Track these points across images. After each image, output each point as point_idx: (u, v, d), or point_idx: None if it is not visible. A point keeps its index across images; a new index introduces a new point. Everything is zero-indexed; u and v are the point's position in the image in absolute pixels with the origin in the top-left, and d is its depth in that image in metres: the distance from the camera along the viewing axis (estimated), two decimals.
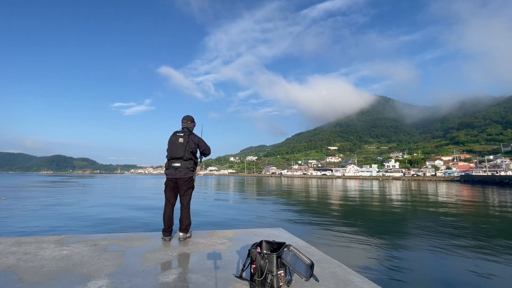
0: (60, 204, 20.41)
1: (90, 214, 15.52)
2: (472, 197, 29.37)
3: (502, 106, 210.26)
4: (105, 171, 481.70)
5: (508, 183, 58.08)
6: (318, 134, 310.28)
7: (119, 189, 41.60)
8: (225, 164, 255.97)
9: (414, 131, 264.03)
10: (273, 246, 2.58)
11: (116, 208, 18.36)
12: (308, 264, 2.42)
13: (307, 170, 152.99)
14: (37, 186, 46.11)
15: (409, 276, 6.59)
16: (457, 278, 6.46)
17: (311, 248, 3.58)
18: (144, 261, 2.93)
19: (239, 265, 2.83)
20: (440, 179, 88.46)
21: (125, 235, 4.01)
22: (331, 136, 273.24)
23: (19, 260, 2.89)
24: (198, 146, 3.99)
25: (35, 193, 31.35)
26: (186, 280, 2.46)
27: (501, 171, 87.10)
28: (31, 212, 15.91)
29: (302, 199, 26.52)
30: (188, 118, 4.08)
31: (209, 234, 4.19)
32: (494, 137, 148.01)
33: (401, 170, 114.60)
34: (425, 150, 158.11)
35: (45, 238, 3.80)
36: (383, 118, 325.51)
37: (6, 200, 22.56)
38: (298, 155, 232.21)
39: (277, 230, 4.53)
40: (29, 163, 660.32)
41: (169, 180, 3.87)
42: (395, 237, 10.63)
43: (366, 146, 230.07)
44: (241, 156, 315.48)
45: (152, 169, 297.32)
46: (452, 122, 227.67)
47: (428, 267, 7.15)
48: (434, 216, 15.77)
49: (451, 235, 10.72)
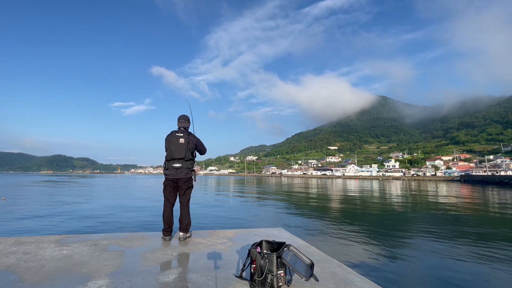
0: (60, 204, 20.42)
1: (90, 214, 15.52)
2: (472, 197, 29.36)
3: (502, 106, 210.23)
4: (105, 171, 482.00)
5: (508, 183, 58.06)
6: (318, 134, 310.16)
7: (120, 189, 41.60)
8: (225, 164, 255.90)
9: (414, 131, 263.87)
10: (273, 246, 2.58)
11: (116, 208, 18.36)
12: (308, 264, 2.42)
13: (307, 170, 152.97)
14: (37, 186, 46.11)
15: (409, 276, 6.59)
16: (457, 278, 6.46)
17: (311, 248, 3.58)
18: (144, 261, 2.93)
19: (239, 265, 2.83)
20: (440, 179, 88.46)
21: (125, 235, 4.01)
22: (331, 136, 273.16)
23: (19, 260, 2.89)
24: (196, 146, 3.98)
25: (35, 193, 31.36)
26: (186, 280, 2.46)
27: (501, 171, 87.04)
28: (31, 212, 15.92)
29: (302, 199, 26.52)
30: (185, 118, 4.06)
31: (209, 234, 4.19)
32: (494, 137, 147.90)
33: (401, 170, 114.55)
34: (425, 150, 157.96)
35: (45, 238, 3.80)
36: (383, 118, 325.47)
37: (6, 199, 22.56)
38: (298, 155, 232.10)
39: (277, 230, 4.53)
40: (29, 163, 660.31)
41: (169, 180, 3.86)
42: (395, 237, 10.63)
43: (366, 146, 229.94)
44: (241, 156, 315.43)
45: (152, 169, 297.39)
46: (452, 122, 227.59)
47: (428, 267, 7.15)
48: (434, 216, 15.77)
49: (451, 235, 10.72)
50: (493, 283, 6.22)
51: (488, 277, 6.51)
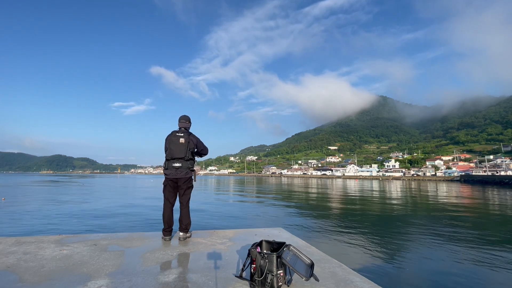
0: (60, 204, 20.42)
1: (90, 214, 15.53)
2: (472, 197, 29.37)
3: (502, 106, 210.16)
4: (105, 170, 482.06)
5: (508, 183, 58.07)
6: (318, 134, 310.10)
7: (120, 189, 41.60)
8: (225, 164, 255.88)
9: (414, 131, 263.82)
10: (273, 246, 2.58)
11: (116, 208, 18.36)
12: (308, 264, 2.42)
13: (307, 170, 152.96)
14: (37, 186, 46.11)
15: (409, 276, 6.59)
16: (457, 278, 6.46)
17: (311, 247, 3.58)
18: (144, 261, 2.93)
19: (239, 265, 2.83)
20: (440, 179, 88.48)
21: (125, 235, 4.01)
22: (331, 136, 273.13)
23: (19, 260, 2.89)
24: (196, 146, 3.99)
25: (35, 193, 31.37)
26: (186, 280, 2.46)
27: (501, 171, 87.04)
28: (31, 212, 15.92)
29: (302, 199, 26.53)
30: (186, 118, 4.08)
31: (209, 234, 4.19)
32: (494, 137, 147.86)
33: (401, 170, 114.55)
34: (425, 150, 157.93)
35: (45, 238, 3.80)
36: (383, 118, 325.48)
37: (6, 200, 22.57)
38: (298, 155, 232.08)
39: (277, 230, 4.53)
40: (29, 163, 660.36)
41: (169, 180, 3.86)
42: (395, 237, 10.63)
43: (366, 146, 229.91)
44: (241, 156, 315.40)
45: (152, 169, 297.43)
46: (452, 122, 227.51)
47: (428, 267, 7.15)
48: (434, 216, 15.77)
49: (452, 235, 10.72)
50: (493, 283, 6.22)
51: (487, 277, 6.52)
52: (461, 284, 6.11)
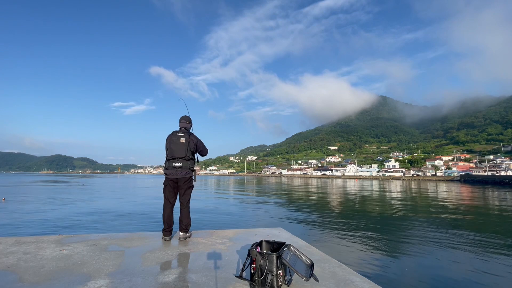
0: (60, 204, 20.42)
1: (90, 214, 15.53)
2: (472, 197, 29.36)
3: (502, 106, 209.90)
4: (105, 170, 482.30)
5: (508, 183, 58.05)
6: (318, 134, 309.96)
7: (120, 189, 41.60)
8: (225, 164, 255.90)
9: (414, 131, 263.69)
10: (273, 246, 2.58)
11: (116, 208, 18.36)
12: (308, 264, 2.42)
13: (307, 170, 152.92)
14: (37, 186, 46.11)
15: (409, 276, 6.59)
16: (457, 278, 6.46)
17: (311, 248, 3.58)
18: (144, 261, 2.93)
19: (239, 264, 2.83)
20: (440, 179, 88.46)
21: (125, 235, 4.01)
22: (331, 136, 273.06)
23: (19, 260, 2.89)
24: (196, 146, 4.00)
25: (35, 193, 31.36)
26: (186, 280, 2.46)
27: (501, 171, 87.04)
28: (31, 212, 15.92)
29: (302, 199, 26.52)
30: (186, 119, 4.09)
31: (209, 234, 4.19)
32: (494, 137, 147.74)
33: (401, 170, 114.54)
34: (425, 150, 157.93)
35: (45, 238, 3.80)
36: (383, 118, 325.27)
37: (6, 200, 22.56)
38: (298, 155, 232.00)
39: (277, 230, 4.53)
40: (29, 162, 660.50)
41: (169, 180, 3.86)
42: (395, 237, 10.63)
43: (366, 146, 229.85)
44: (241, 156, 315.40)
45: (152, 168, 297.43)
46: (452, 122, 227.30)
47: (428, 267, 7.15)
48: (435, 216, 15.77)
49: (452, 235, 10.72)
50: (492, 283, 6.21)
51: (487, 277, 6.51)
52: (461, 284, 6.11)
